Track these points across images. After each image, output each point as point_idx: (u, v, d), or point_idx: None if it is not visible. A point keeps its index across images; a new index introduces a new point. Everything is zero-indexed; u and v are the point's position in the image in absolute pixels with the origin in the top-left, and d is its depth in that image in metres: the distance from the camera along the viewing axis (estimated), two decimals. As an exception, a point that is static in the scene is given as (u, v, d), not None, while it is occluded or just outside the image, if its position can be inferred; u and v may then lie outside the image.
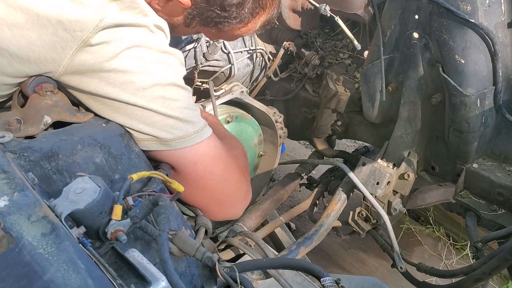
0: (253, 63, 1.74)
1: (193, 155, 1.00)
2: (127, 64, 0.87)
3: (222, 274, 0.75)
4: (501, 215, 1.40)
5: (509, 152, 1.43)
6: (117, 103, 0.90)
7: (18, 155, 0.75)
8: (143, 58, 0.89)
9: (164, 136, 0.94)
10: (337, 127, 1.78)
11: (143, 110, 0.91)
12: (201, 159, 1.01)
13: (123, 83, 0.88)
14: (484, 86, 1.32)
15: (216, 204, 1.10)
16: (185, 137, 0.97)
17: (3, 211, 0.60)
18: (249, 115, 1.67)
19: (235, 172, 1.11)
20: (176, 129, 0.95)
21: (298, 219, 2.37)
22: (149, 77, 0.90)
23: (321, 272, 0.82)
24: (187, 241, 0.76)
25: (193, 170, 1.01)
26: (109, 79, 0.87)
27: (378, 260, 2.19)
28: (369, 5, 1.47)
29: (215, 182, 1.05)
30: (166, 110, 0.93)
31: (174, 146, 0.96)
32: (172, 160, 0.99)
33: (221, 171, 1.06)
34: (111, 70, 0.86)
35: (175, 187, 0.82)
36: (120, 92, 0.88)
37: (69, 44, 0.82)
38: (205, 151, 1.02)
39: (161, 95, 0.92)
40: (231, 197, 1.12)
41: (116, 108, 0.91)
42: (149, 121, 0.92)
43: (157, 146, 0.96)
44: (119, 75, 0.87)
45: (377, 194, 1.49)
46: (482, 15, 1.25)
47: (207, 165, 1.03)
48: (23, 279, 0.53)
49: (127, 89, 0.88)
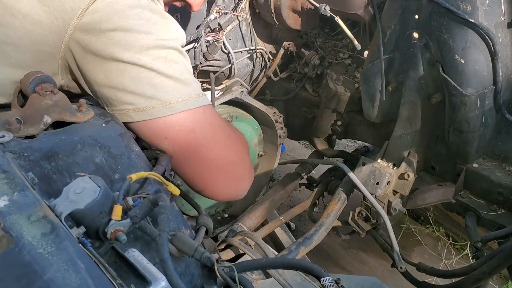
0: (253, 63, 1.74)
1: (194, 120, 0.99)
2: (130, 23, 0.91)
3: (221, 274, 0.75)
4: (501, 215, 1.40)
5: (509, 152, 1.43)
6: (122, 65, 0.92)
7: (18, 155, 0.75)
8: (146, 19, 0.93)
9: (167, 98, 0.95)
10: (337, 127, 1.78)
11: (146, 70, 0.93)
12: (201, 126, 1.01)
13: (128, 41, 0.91)
14: (484, 86, 1.32)
15: (222, 177, 1.08)
16: (187, 100, 0.97)
17: (3, 211, 0.60)
18: (249, 115, 1.67)
19: (238, 142, 1.10)
20: (178, 91, 0.96)
21: (298, 219, 2.37)
22: (152, 37, 0.93)
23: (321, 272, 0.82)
24: (186, 242, 0.76)
25: (193, 138, 1.00)
26: (115, 38, 0.90)
27: (378, 260, 2.19)
28: (369, 5, 1.47)
29: (218, 151, 1.04)
30: (167, 71, 0.95)
31: (178, 108, 0.96)
32: (172, 129, 0.98)
33: (223, 139, 1.05)
34: (115, 28, 0.90)
35: (171, 190, 0.82)
36: (124, 51, 0.91)
37: (77, 4, 0.88)
38: (206, 117, 1.02)
39: (163, 55, 0.94)
40: (237, 168, 1.10)
41: (121, 71, 0.92)
42: (152, 82, 0.94)
43: (162, 112, 0.95)
44: (123, 34, 0.91)
45: (377, 194, 1.49)
46: (482, 15, 1.25)
47: (207, 132, 1.02)
48: (23, 279, 0.53)
49: (131, 48, 0.91)
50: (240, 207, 1.80)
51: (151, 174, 0.80)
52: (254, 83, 1.86)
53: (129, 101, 0.95)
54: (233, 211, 1.80)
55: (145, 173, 0.79)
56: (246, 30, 1.66)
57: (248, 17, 1.65)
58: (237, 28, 1.61)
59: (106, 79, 0.94)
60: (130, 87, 0.94)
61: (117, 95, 0.95)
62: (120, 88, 0.94)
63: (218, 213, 1.76)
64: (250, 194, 1.83)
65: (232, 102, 1.60)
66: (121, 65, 0.92)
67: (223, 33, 1.51)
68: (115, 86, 0.94)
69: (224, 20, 1.52)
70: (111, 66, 0.92)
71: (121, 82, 0.93)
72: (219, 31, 1.51)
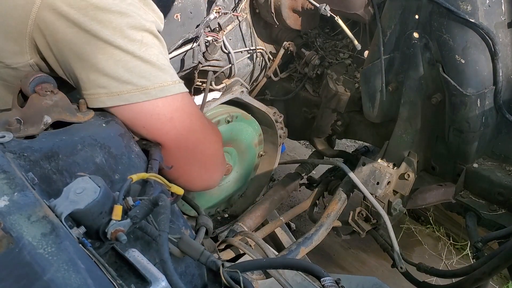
0: (253, 63, 1.74)
1: (172, 108, 0.97)
2: (104, 2, 0.87)
3: (226, 278, 0.75)
4: (501, 215, 1.40)
5: (509, 152, 1.43)
6: (99, 42, 0.89)
7: (18, 155, 0.75)
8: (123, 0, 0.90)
9: (143, 83, 0.92)
10: (337, 127, 1.78)
11: (121, 52, 0.90)
12: (179, 114, 0.98)
13: (101, 21, 0.88)
14: (484, 86, 1.32)
15: (197, 167, 1.06)
16: (163, 86, 0.94)
17: (3, 211, 0.60)
18: (249, 115, 1.67)
19: (213, 133, 1.09)
20: (155, 76, 0.93)
21: (298, 219, 2.36)
22: (127, 20, 0.90)
23: (321, 272, 0.81)
24: (192, 245, 0.76)
25: (172, 127, 0.97)
26: (86, 16, 0.87)
27: (378, 260, 2.19)
28: (369, 5, 1.47)
29: (196, 141, 1.03)
30: (144, 55, 0.92)
31: (154, 95, 0.93)
32: (150, 118, 0.95)
33: (200, 129, 1.03)
34: (87, 6, 0.87)
35: (174, 190, 0.82)
36: (101, 29, 0.88)
37: None
38: (184, 105, 0.99)
39: (138, 39, 0.91)
40: (212, 158, 1.09)
41: (95, 52, 0.89)
42: (127, 65, 0.91)
43: (137, 97, 0.92)
44: (97, 12, 0.87)
45: (377, 194, 1.49)
46: (482, 15, 1.25)
47: (185, 121, 1.00)
48: (23, 279, 0.53)
49: (105, 28, 0.88)
50: (240, 207, 1.80)
51: (152, 176, 0.80)
52: (254, 83, 1.86)
53: (102, 84, 0.91)
54: (233, 211, 1.80)
55: (146, 174, 0.79)
56: (246, 30, 1.66)
57: (248, 17, 1.65)
58: (237, 28, 1.61)
59: (79, 56, 0.90)
60: (104, 69, 0.90)
61: (90, 77, 0.91)
62: (94, 69, 0.90)
63: (218, 213, 1.76)
64: (250, 194, 1.84)
65: (232, 102, 1.60)
66: (96, 41, 0.88)
67: (223, 33, 1.51)
68: (88, 66, 0.90)
69: (224, 20, 1.52)
70: (84, 45, 0.89)
71: (95, 63, 0.90)
72: (219, 31, 1.51)
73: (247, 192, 1.83)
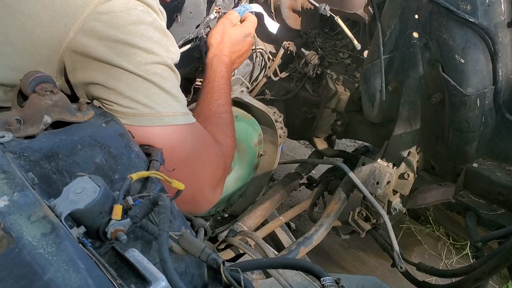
0: (253, 63, 1.74)
1: (178, 137, 1.02)
2: (133, 39, 0.93)
3: (227, 276, 0.75)
4: (501, 214, 1.40)
5: (509, 152, 1.43)
6: (120, 71, 0.94)
7: (18, 155, 0.74)
8: (148, 37, 0.96)
9: (159, 109, 0.98)
10: (337, 127, 1.78)
11: (143, 80, 0.96)
12: (183, 145, 1.03)
13: (128, 54, 0.94)
14: (484, 86, 1.32)
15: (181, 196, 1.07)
16: (177, 115, 1.00)
17: (3, 211, 0.60)
18: (249, 115, 1.67)
19: (213, 167, 1.09)
20: (170, 105, 1.00)
21: (298, 219, 2.37)
22: (152, 56, 0.96)
23: (321, 272, 0.81)
24: (193, 242, 0.76)
25: (170, 155, 0.99)
26: (116, 49, 0.93)
27: (378, 259, 2.19)
28: (369, 4, 1.47)
29: (184, 175, 1.02)
30: (163, 85, 0.98)
31: (168, 122, 0.99)
32: (158, 142, 0.99)
33: (194, 165, 1.05)
34: (118, 40, 0.92)
35: (175, 186, 0.82)
36: (124, 62, 0.93)
37: (80, 10, 0.88)
38: (193, 136, 1.04)
39: (159, 72, 0.98)
40: (197, 194, 1.09)
41: (119, 77, 0.95)
42: (147, 92, 0.97)
43: (151, 121, 0.98)
44: (125, 47, 0.93)
45: (377, 194, 1.49)
46: (482, 15, 1.25)
47: (183, 152, 1.03)
48: (23, 279, 0.53)
49: (131, 60, 0.94)
50: (240, 207, 1.80)
51: (153, 173, 0.80)
52: (254, 83, 1.86)
53: (121, 103, 0.97)
54: (233, 211, 1.80)
55: (146, 172, 0.79)
56: (246, 30, 1.65)
57: (248, 17, 1.65)
58: (237, 28, 1.60)
59: (104, 82, 0.95)
60: (126, 92, 0.96)
61: (111, 97, 0.96)
62: (117, 92, 0.96)
63: (218, 213, 1.76)
64: (250, 194, 1.84)
65: (232, 102, 1.60)
66: (119, 71, 0.94)
67: (223, 33, 1.50)
68: (111, 88, 0.95)
69: (224, 20, 1.51)
70: (110, 70, 0.94)
71: (117, 86, 0.95)
72: (219, 31, 1.50)
73: (247, 192, 1.83)
